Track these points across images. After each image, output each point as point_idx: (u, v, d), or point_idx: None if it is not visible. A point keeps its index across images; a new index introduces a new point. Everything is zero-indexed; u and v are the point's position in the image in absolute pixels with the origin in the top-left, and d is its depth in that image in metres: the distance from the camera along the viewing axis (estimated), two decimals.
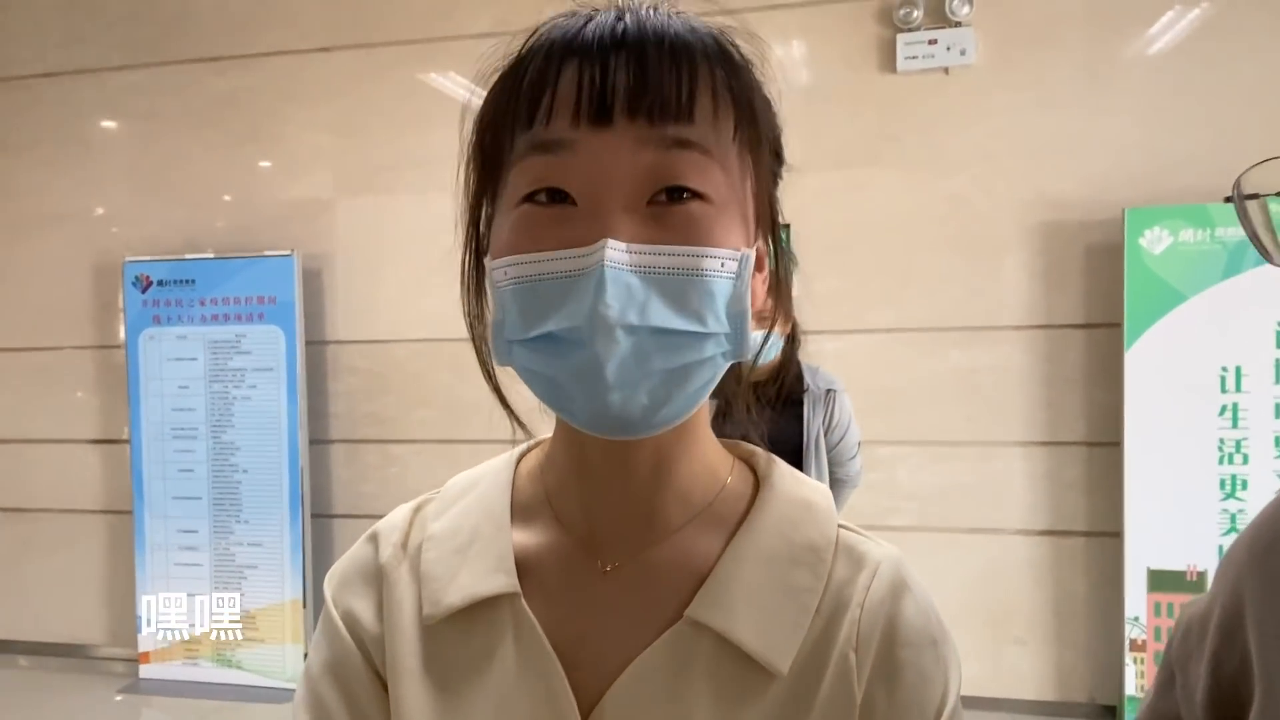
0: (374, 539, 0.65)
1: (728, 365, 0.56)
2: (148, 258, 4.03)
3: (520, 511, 0.63)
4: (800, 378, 2.57)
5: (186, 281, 3.96)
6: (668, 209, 0.52)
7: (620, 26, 0.53)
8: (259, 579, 3.90)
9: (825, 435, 2.55)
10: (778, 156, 0.61)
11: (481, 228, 0.60)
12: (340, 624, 0.62)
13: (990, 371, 3.47)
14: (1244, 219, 0.57)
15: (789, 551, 0.59)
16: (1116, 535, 3.27)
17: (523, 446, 0.68)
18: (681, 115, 0.51)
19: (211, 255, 4.00)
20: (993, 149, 3.42)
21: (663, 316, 0.50)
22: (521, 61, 0.55)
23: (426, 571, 0.61)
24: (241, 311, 3.91)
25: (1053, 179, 3.38)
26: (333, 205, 4.01)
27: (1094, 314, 3.38)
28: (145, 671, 4.01)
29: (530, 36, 0.56)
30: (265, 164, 4.08)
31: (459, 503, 0.65)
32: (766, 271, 0.60)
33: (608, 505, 0.60)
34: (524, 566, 0.60)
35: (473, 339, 0.62)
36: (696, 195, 0.52)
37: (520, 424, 0.64)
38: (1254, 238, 0.56)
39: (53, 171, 4.27)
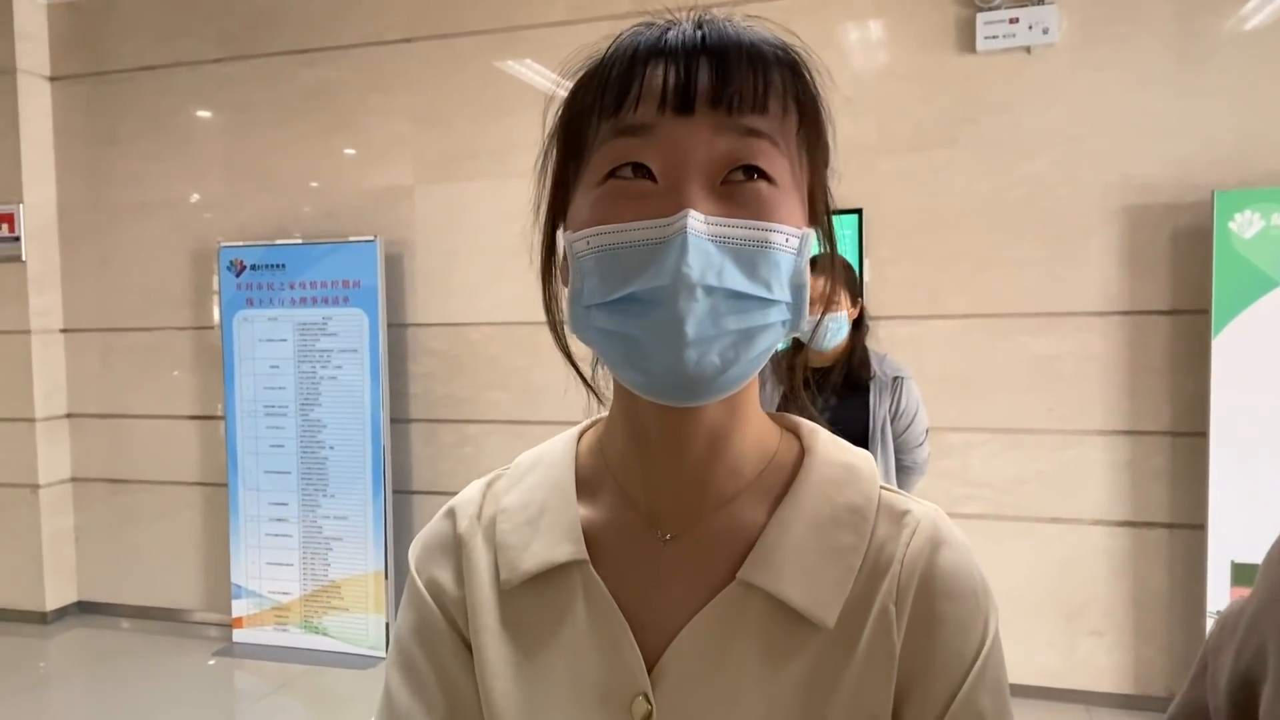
0: (451, 513, 0.71)
1: (787, 335, 0.61)
2: (241, 243, 4.22)
3: (584, 485, 0.68)
4: (867, 364, 2.57)
5: (277, 266, 4.13)
6: (740, 187, 0.57)
7: (700, 34, 0.59)
8: (344, 551, 4.07)
9: (892, 422, 2.55)
10: (827, 159, 0.66)
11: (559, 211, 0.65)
12: (425, 591, 0.68)
13: (1071, 358, 3.40)
14: None
15: (832, 513, 0.63)
16: (1200, 528, 3.18)
17: (583, 424, 0.73)
18: (756, 107, 0.57)
19: (300, 241, 4.16)
20: (1075, 131, 3.34)
21: (736, 280, 0.56)
22: (605, 62, 0.60)
23: (501, 541, 0.67)
24: (328, 295, 4.06)
25: (1138, 161, 3.29)
26: (413, 192, 4.13)
27: (1180, 300, 3.28)
28: (238, 636, 4.22)
29: (614, 41, 0.61)
30: (350, 152, 4.22)
31: (527, 478, 0.70)
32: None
33: (666, 478, 0.64)
34: (590, 536, 0.65)
35: (548, 314, 0.68)
36: (765, 177, 0.58)
37: (595, 393, 0.69)
38: None
39: (153, 161, 4.49)
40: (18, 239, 4.47)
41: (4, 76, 4.45)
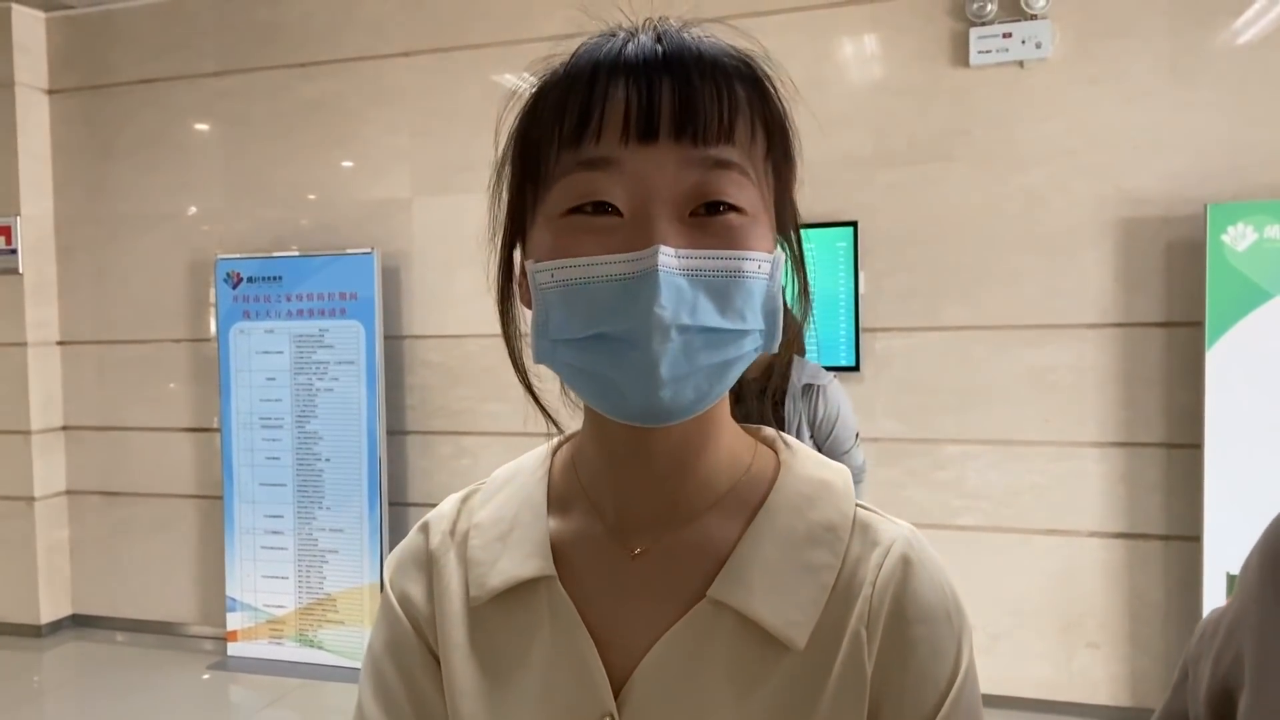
0: (425, 528, 0.71)
1: (752, 356, 0.60)
2: (238, 255, 4.22)
3: (556, 501, 0.68)
4: (786, 375, 2.46)
5: (274, 278, 4.13)
6: (708, 220, 0.56)
7: (660, 49, 0.56)
8: (339, 563, 4.06)
9: (814, 431, 2.47)
10: (795, 174, 0.64)
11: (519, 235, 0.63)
12: (397, 606, 0.68)
13: (1066, 370, 3.41)
14: None
15: (807, 531, 0.62)
16: (1195, 539, 3.19)
17: (556, 439, 0.72)
18: (722, 138, 0.55)
19: (297, 253, 4.17)
20: (1069, 144, 3.36)
21: (709, 317, 0.55)
22: (562, 81, 0.58)
23: (472, 557, 0.66)
24: (325, 307, 4.06)
25: (1132, 175, 3.31)
26: (410, 204, 4.14)
27: (1174, 312, 3.30)
28: (233, 649, 4.21)
29: (571, 57, 0.59)
30: (347, 165, 4.23)
31: (501, 493, 0.70)
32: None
33: (637, 492, 0.63)
34: (559, 552, 0.64)
35: (507, 343, 0.67)
36: (734, 208, 0.56)
37: (551, 419, 0.67)
38: None
39: (150, 174, 4.50)
40: (15, 251, 4.48)
41: (2, 90, 4.47)
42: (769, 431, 0.70)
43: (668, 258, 0.53)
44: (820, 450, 2.39)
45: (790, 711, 0.59)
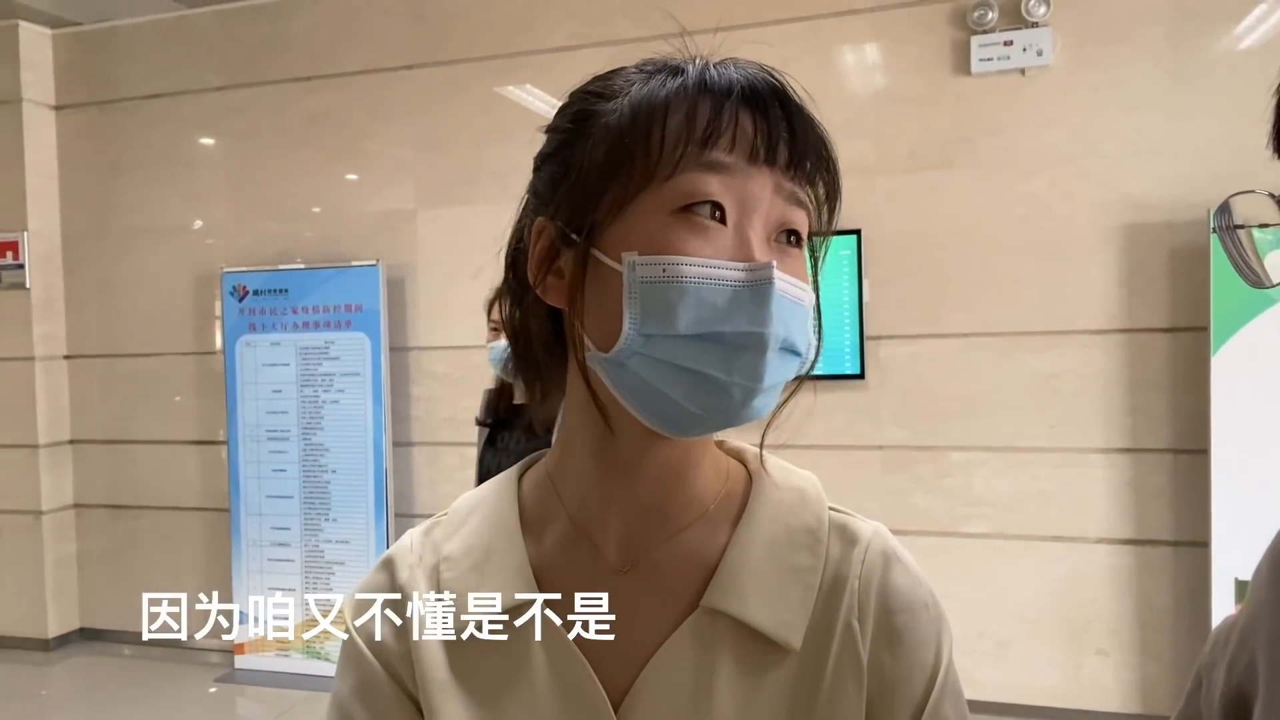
0: (388, 565, 0.69)
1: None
2: (244, 268, 4.24)
3: (530, 524, 0.67)
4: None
5: (280, 291, 4.15)
6: (786, 249, 0.61)
7: (770, 83, 0.60)
8: (346, 575, 4.05)
9: None
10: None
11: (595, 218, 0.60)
12: (365, 649, 0.66)
13: (1071, 376, 3.41)
14: (1232, 248, 0.60)
15: (788, 536, 0.65)
16: (1203, 545, 3.17)
17: (520, 464, 0.72)
18: (812, 180, 0.61)
19: (302, 265, 4.18)
20: (1071, 151, 3.36)
21: (796, 337, 0.59)
22: (694, 89, 0.59)
23: (447, 589, 0.65)
24: (330, 319, 4.08)
25: (1135, 180, 3.31)
26: (415, 216, 4.16)
27: (1179, 318, 3.29)
28: (240, 662, 4.21)
29: (664, 74, 0.61)
30: (352, 177, 4.25)
31: (468, 523, 0.69)
32: None
33: (632, 506, 0.64)
34: (541, 574, 0.64)
35: (522, 330, 0.67)
36: (800, 243, 0.62)
37: (605, 416, 0.62)
38: (1243, 265, 0.59)
39: (157, 188, 4.52)
40: (22, 266, 4.50)
41: (9, 105, 4.50)
42: (735, 445, 0.71)
43: (779, 275, 0.57)
44: None
45: (793, 710, 0.60)
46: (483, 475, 2.49)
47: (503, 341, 2.19)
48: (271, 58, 4.31)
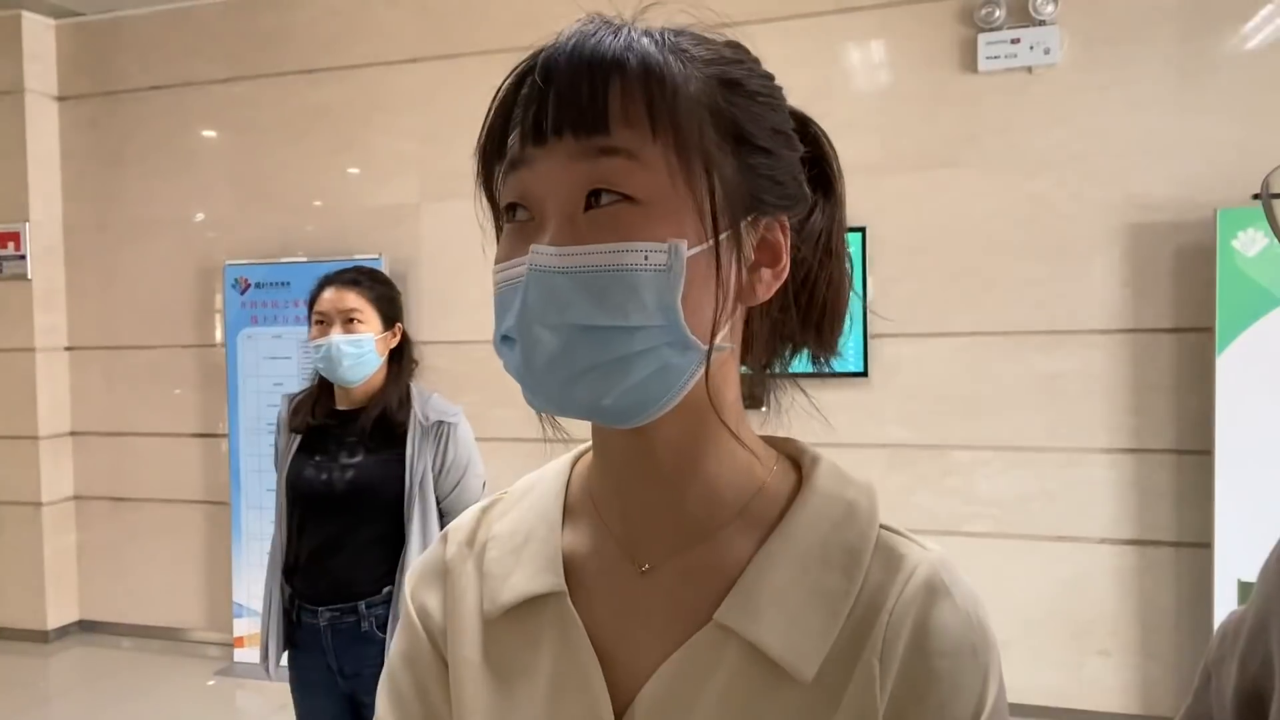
0: (445, 539, 0.70)
1: (692, 357, 0.55)
2: (246, 261, 4.23)
3: (571, 513, 0.66)
4: (406, 407, 2.15)
5: (282, 284, 4.14)
6: (600, 211, 0.54)
7: (569, 46, 0.56)
8: None
9: (436, 478, 2.15)
10: (760, 149, 0.58)
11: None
12: (415, 617, 0.67)
13: (1076, 376, 3.40)
14: (1272, 219, 0.59)
15: (823, 554, 0.58)
16: (1206, 546, 3.17)
17: (579, 449, 0.70)
18: (598, 127, 0.53)
19: (305, 259, 4.17)
20: (1078, 150, 3.35)
21: (585, 314, 0.53)
22: (508, 83, 0.59)
23: (487, 570, 0.65)
24: None
25: (1141, 180, 3.30)
26: (418, 210, 4.15)
27: (1184, 318, 3.28)
28: (239, 655, 4.20)
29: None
30: (355, 171, 4.24)
31: (520, 504, 0.69)
32: (730, 264, 0.57)
33: (636, 502, 0.62)
34: (571, 566, 0.63)
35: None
36: (623, 197, 0.53)
37: (553, 423, 0.63)
38: None
39: (159, 180, 4.51)
40: (23, 257, 4.49)
41: (12, 96, 4.49)
42: (795, 443, 0.67)
43: (543, 257, 0.54)
44: (441, 504, 2.17)
45: None
46: None
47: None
48: (275, 50, 4.30)
